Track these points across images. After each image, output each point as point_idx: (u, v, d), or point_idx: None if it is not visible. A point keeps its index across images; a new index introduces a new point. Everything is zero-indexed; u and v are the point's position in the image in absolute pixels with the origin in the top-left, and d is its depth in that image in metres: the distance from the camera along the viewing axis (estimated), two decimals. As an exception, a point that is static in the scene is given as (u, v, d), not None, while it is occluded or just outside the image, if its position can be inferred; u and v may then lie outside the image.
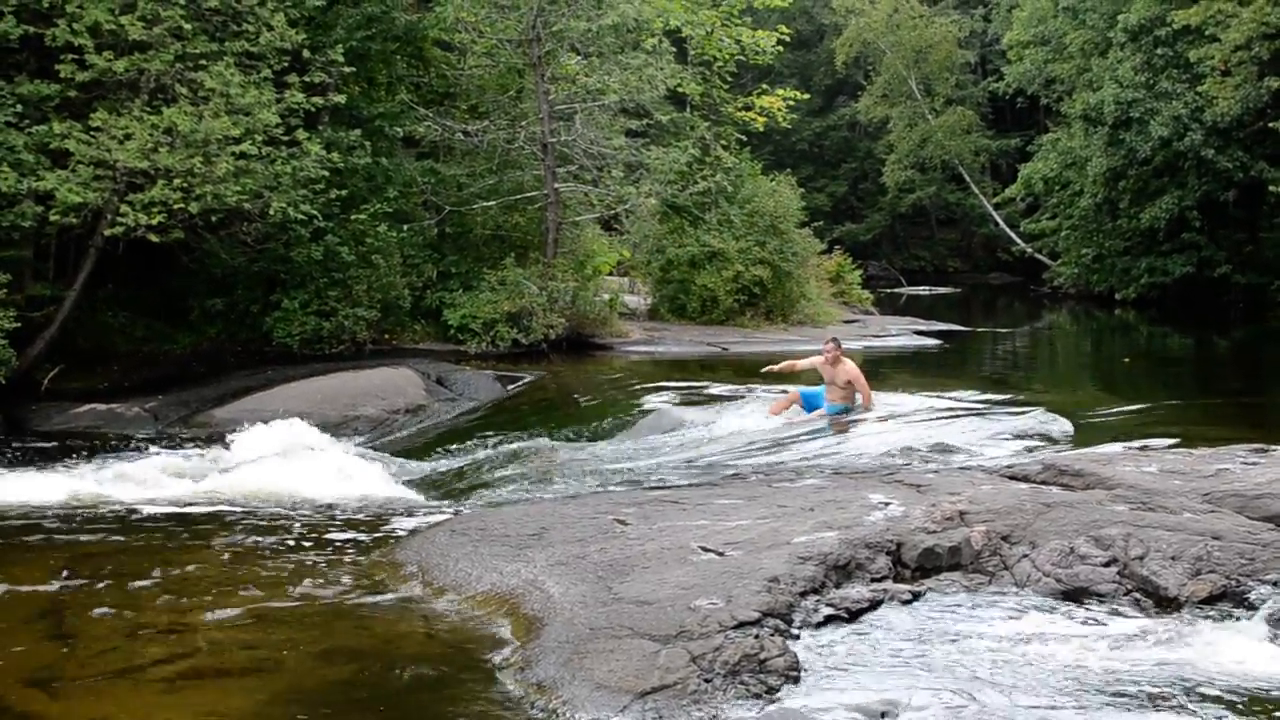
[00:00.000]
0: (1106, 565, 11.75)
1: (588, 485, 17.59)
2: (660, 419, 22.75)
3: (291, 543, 14.31)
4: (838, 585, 11.28)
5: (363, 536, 14.56)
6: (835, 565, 11.53)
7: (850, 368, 21.33)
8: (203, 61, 26.82)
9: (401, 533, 14.65)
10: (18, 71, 26.32)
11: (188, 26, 26.68)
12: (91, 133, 25.45)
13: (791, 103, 49.65)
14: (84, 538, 14.57)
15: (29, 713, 8.93)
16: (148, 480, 18.17)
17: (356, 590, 12.13)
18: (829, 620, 10.56)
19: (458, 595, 11.66)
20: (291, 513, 16.06)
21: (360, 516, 15.88)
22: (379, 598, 11.86)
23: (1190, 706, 9.08)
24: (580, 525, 13.17)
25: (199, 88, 26.42)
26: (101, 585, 12.35)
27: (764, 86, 51.33)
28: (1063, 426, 20.73)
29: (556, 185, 34.76)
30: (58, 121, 25.57)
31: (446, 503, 17.07)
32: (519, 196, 35.97)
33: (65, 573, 12.80)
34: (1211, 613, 11.00)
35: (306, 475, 18.01)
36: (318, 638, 10.64)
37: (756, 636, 9.63)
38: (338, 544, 14.24)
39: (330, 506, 16.59)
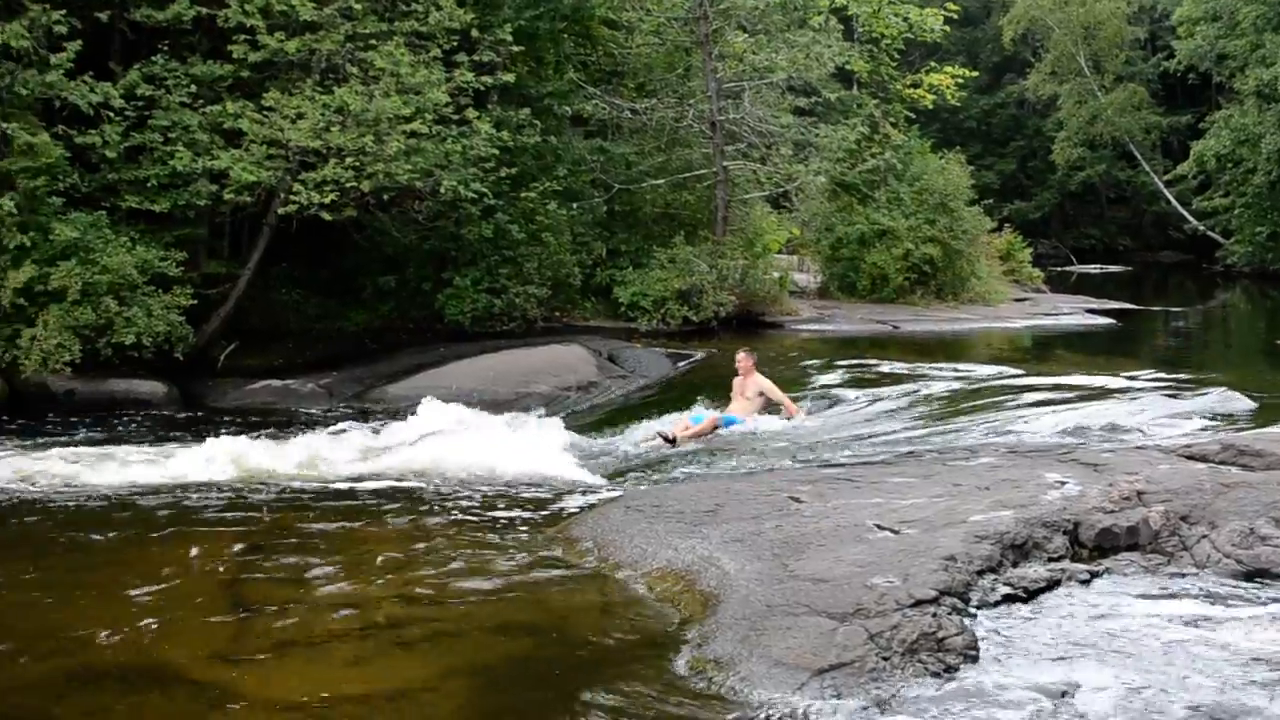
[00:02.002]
0: (1289, 547, 11.04)
1: (761, 462, 17.12)
2: (831, 396, 22.24)
3: (467, 518, 14.24)
4: (1014, 564, 10.78)
5: (537, 512, 14.46)
6: (1012, 544, 11.03)
7: (761, 380, 20.18)
8: (372, 41, 26.68)
9: (575, 509, 14.52)
10: (191, 52, 26.38)
11: (357, 6, 26.60)
12: (264, 112, 25.50)
13: (960, 80, 48.66)
14: (262, 513, 14.58)
15: (211, 685, 8.88)
16: (324, 456, 18.10)
17: (532, 565, 11.98)
18: (1006, 599, 10.11)
19: (633, 571, 11.46)
20: (466, 489, 15.92)
21: (534, 493, 15.74)
22: (555, 573, 11.72)
23: (1373, 693, 8.43)
24: (755, 502, 12.77)
25: (369, 67, 26.28)
26: (280, 560, 12.36)
27: (932, 64, 50.48)
28: (1242, 405, 19.73)
29: (725, 163, 34.21)
30: (231, 101, 25.69)
31: (619, 479, 16.82)
32: (688, 174, 35.48)
33: (245, 546, 12.82)
34: (1397, 597, 10.30)
35: (480, 451, 17.75)
36: (494, 612, 10.55)
37: (934, 615, 9.28)
38: (513, 520, 14.14)
39: (504, 482, 16.44)
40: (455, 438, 18.64)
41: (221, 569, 12.06)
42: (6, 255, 22.70)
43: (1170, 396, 20.59)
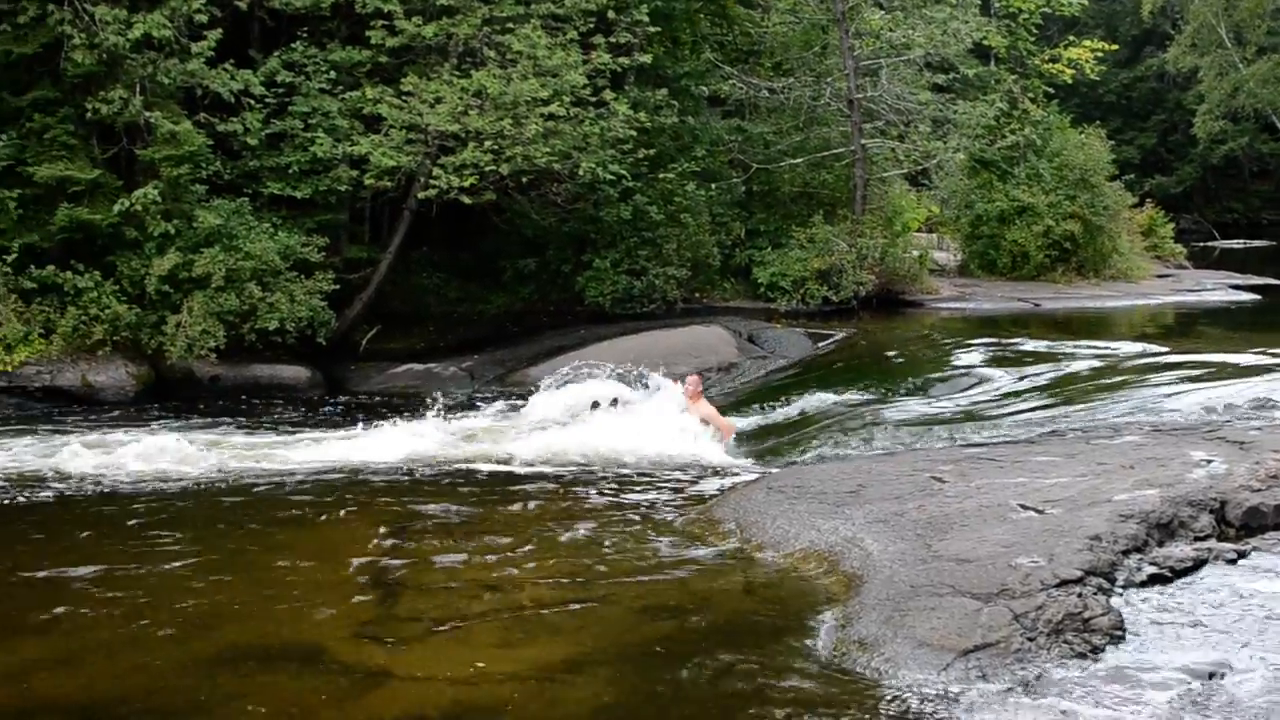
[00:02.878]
0: None
1: (903, 442, 17.06)
2: (973, 375, 21.80)
3: (609, 499, 14.33)
4: (1160, 544, 10.73)
5: (680, 493, 14.50)
6: (1157, 523, 10.92)
7: (705, 407, 19.11)
8: (509, 24, 26.46)
9: (716, 490, 14.51)
10: (330, 39, 26.45)
11: (494, -11, 26.19)
12: (403, 97, 25.50)
13: (1098, 54, 47.52)
14: (408, 495, 14.75)
15: (358, 665, 9.01)
16: (466, 438, 18.24)
17: (675, 546, 12.04)
18: (1152, 579, 10.05)
19: (776, 552, 11.46)
20: (608, 470, 16.06)
21: (676, 473, 15.79)
22: (697, 553, 11.76)
23: None
24: (897, 482, 12.76)
25: (506, 51, 26.13)
26: (426, 542, 12.52)
27: (1070, 38, 49.30)
28: (1397, 382, 18.97)
29: (863, 141, 33.52)
30: (369, 87, 25.77)
31: (761, 460, 16.84)
32: (825, 153, 34.85)
33: (390, 529, 12.99)
34: None
35: (622, 433, 17.82)
36: (638, 593, 10.63)
37: (1079, 595, 9.27)
38: (655, 501, 14.16)
39: (646, 463, 16.52)
40: (594, 419, 18.77)
41: (368, 550, 12.22)
42: (151, 243, 22.88)
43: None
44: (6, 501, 14.57)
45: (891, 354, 25.44)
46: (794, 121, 35.10)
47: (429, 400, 21.29)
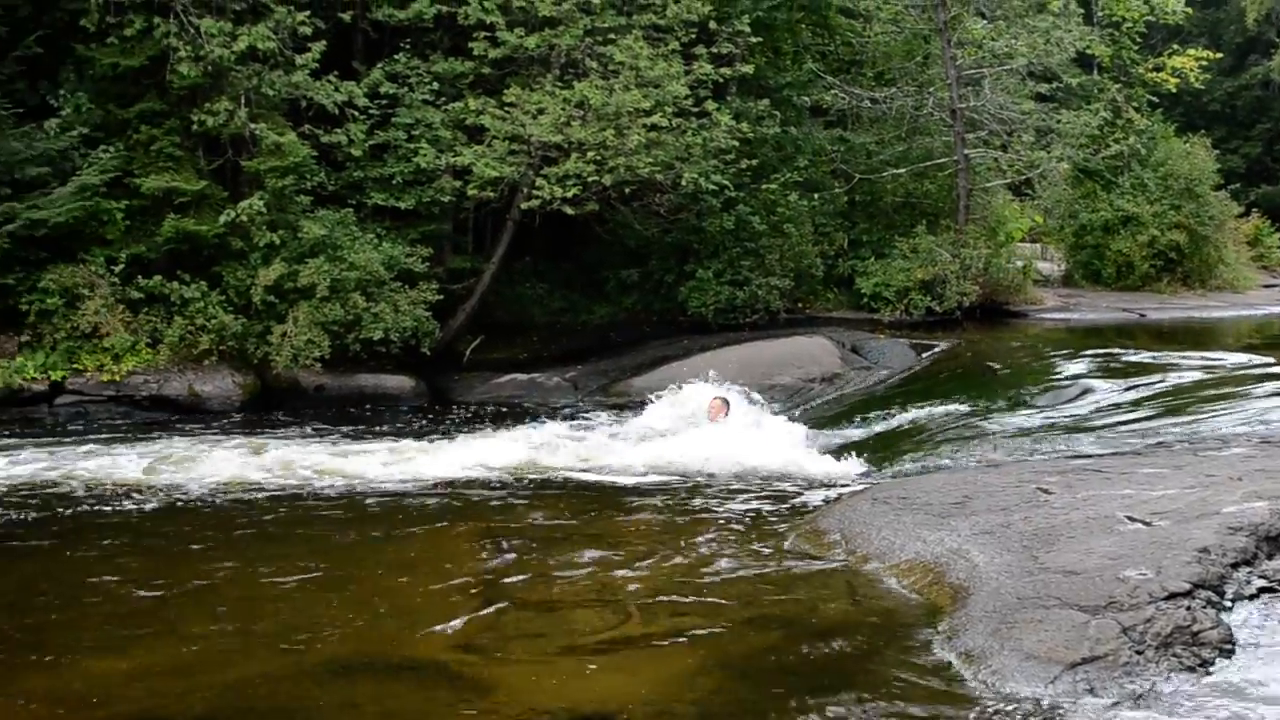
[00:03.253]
0: None
1: (1008, 454, 16.64)
2: (1078, 386, 21.07)
3: (714, 509, 14.07)
4: (1270, 557, 10.25)
5: (783, 504, 14.20)
6: (1266, 536, 10.46)
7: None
8: (611, 35, 26.22)
9: (820, 501, 14.23)
10: (432, 50, 26.37)
11: (596, 1, 26.11)
12: (505, 108, 25.40)
13: (1203, 62, 46.56)
14: (515, 505, 14.62)
15: (467, 676, 8.87)
16: (570, 449, 17.99)
17: (780, 557, 11.81)
18: (1262, 592, 9.70)
19: (881, 563, 11.24)
20: (712, 481, 15.78)
21: (780, 484, 15.48)
22: (803, 565, 11.52)
23: None
24: (1003, 494, 12.44)
25: (608, 61, 25.92)
26: (533, 552, 12.34)
27: (1174, 46, 48.39)
28: None
29: (966, 151, 32.87)
30: (472, 98, 25.72)
31: (864, 471, 16.49)
32: (928, 163, 34.26)
33: (496, 540, 12.83)
34: None
35: (726, 444, 17.49)
36: (744, 604, 10.39)
37: (1188, 608, 9.01)
38: (759, 511, 13.90)
39: (750, 474, 16.21)
40: (700, 431, 18.40)
41: (475, 561, 12.12)
42: (257, 253, 22.91)
43: None
44: (120, 510, 14.50)
45: (996, 365, 24.68)
46: (896, 131, 34.59)
47: (532, 410, 22.06)
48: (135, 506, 14.66)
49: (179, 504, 14.85)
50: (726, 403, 19.40)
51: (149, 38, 22.46)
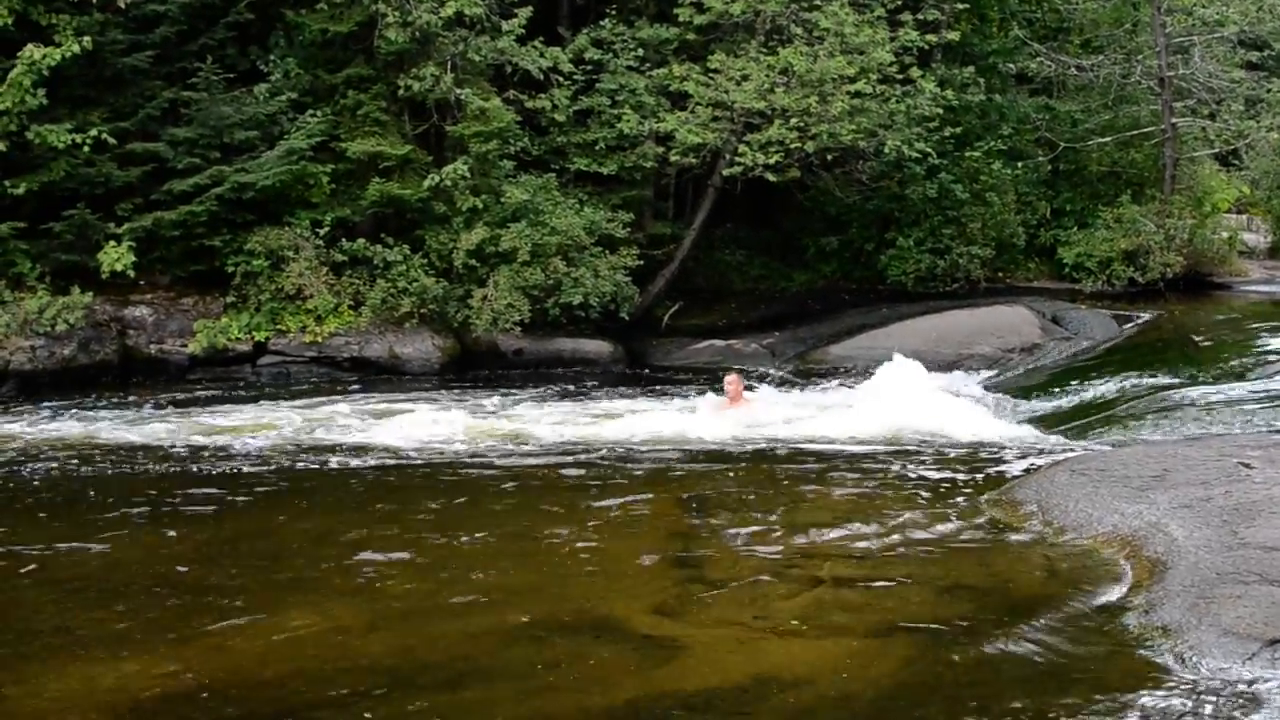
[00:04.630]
0: None
1: (1208, 427, 15.72)
2: (1281, 360, 20.07)
3: (909, 479, 13.55)
4: None
5: (979, 474, 13.64)
6: None
7: (750, 411, 17.52)
8: (816, 2, 25.04)
9: (1017, 471, 13.59)
10: (638, 16, 25.64)
11: (802, -34, 24.86)
12: (709, 75, 24.53)
13: None
14: (706, 470, 14.24)
15: (656, 638, 8.63)
16: (764, 415, 17.22)
17: (974, 527, 11.39)
18: None
19: (1077, 535, 10.79)
20: (907, 449, 15.14)
21: (976, 454, 14.84)
22: (998, 536, 11.14)
23: None
24: (1203, 468, 11.74)
25: (813, 28, 24.80)
26: (724, 517, 11.99)
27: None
28: None
29: (1174, 120, 30.78)
30: (677, 64, 24.93)
31: (1062, 442, 15.58)
32: (1134, 132, 32.28)
33: (687, 504, 12.71)
34: None
35: (922, 413, 16.70)
36: (938, 573, 10.11)
37: None
38: (954, 481, 13.35)
39: (946, 443, 15.50)
40: (897, 399, 17.47)
41: (666, 525, 11.95)
42: (459, 218, 22.40)
43: None
44: (322, 467, 14.49)
45: (1198, 337, 23.48)
46: (1102, 100, 32.60)
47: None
48: (338, 464, 14.61)
49: (378, 463, 14.69)
50: (748, 384, 18.48)
51: (357, 4, 22.19)
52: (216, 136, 21.26)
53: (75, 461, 14.72)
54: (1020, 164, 30.88)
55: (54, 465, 14.55)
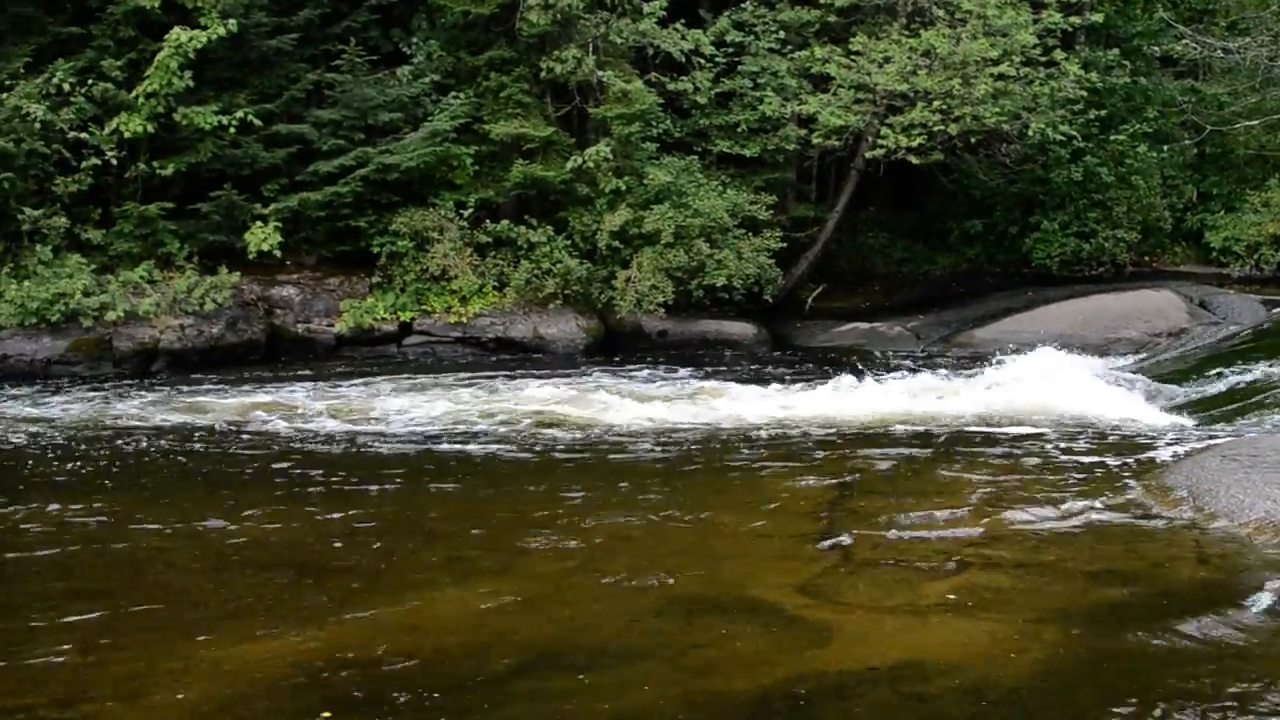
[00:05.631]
0: None
1: None
2: None
3: (1055, 464, 12.94)
4: None
5: (1127, 459, 12.93)
6: None
7: None
8: None
9: (1166, 456, 12.89)
10: None
11: (945, -53, 24.13)
12: (851, 56, 23.74)
13: None
14: (853, 452, 13.70)
15: (805, 619, 8.29)
16: (910, 398, 16.78)
17: (1123, 513, 10.87)
18: None
19: (1230, 522, 10.26)
20: (1054, 434, 14.47)
21: (1123, 439, 14.20)
22: (1147, 521, 10.59)
23: None
24: None
25: (955, 9, 23.90)
26: (872, 500, 11.61)
27: None
28: None
29: (1324, 103, 29.15)
30: (818, 46, 24.23)
31: (1211, 428, 14.90)
32: (1283, 115, 30.57)
33: (835, 486, 12.11)
34: None
35: (1068, 397, 16.12)
36: (1086, 559, 9.65)
37: None
38: (1102, 466, 12.71)
39: (1093, 428, 14.83)
40: (1043, 383, 17.01)
41: (814, 506, 11.43)
42: (602, 199, 21.88)
43: None
44: (467, 443, 14.23)
45: None
46: (1249, 83, 30.99)
47: (873, 359, 20.87)
48: (486, 443, 14.30)
49: (528, 442, 14.38)
50: None
51: (500, -14, 21.69)
52: (360, 118, 21.00)
53: (226, 438, 14.55)
54: (1166, 147, 29.63)
55: (206, 442, 14.34)
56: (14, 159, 18.98)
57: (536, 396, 16.78)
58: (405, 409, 16.15)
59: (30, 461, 13.33)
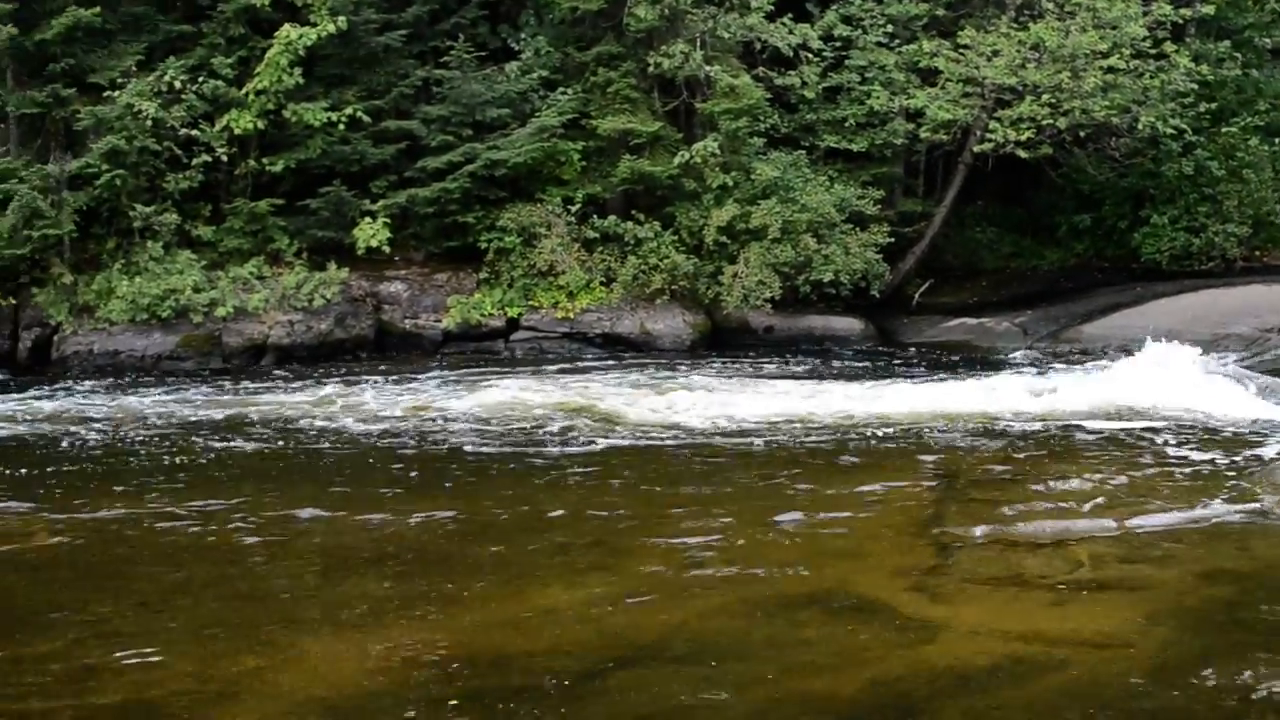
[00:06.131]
0: None
1: None
2: None
3: (1165, 460, 12.67)
4: None
5: (1238, 456, 12.68)
6: None
7: None
8: None
9: (1277, 454, 12.66)
10: None
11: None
12: (959, 50, 23.12)
13: None
14: (962, 448, 13.41)
15: (911, 616, 8.16)
16: (1019, 394, 16.35)
17: (1234, 510, 10.59)
18: None
19: None
20: (1164, 430, 14.16)
21: (1234, 435, 13.85)
22: (1259, 519, 10.35)
23: None
24: None
25: (1065, 2, 23.20)
26: (979, 495, 11.46)
27: None
28: None
29: None
30: (926, 40, 23.67)
31: None
32: (1397, 108, 29.47)
33: (942, 482, 11.94)
34: None
35: (1179, 393, 15.73)
36: (1196, 556, 9.49)
37: None
38: (1213, 462, 12.45)
39: (1204, 425, 14.50)
40: (1153, 378, 16.55)
41: (920, 502, 11.31)
42: (709, 194, 21.64)
43: None
44: (576, 443, 13.87)
45: None
46: (1363, 75, 29.82)
47: (980, 354, 20.81)
48: (593, 439, 14.02)
49: (628, 439, 14.11)
50: None
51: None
52: (468, 114, 20.93)
53: (335, 432, 14.50)
54: (1278, 140, 28.21)
55: (316, 435, 14.31)
56: (126, 156, 19.10)
57: (644, 392, 16.54)
58: (512, 403, 15.96)
59: (145, 455, 13.27)
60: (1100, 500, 10.98)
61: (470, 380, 17.80)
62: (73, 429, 14.63)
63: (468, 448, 13.60)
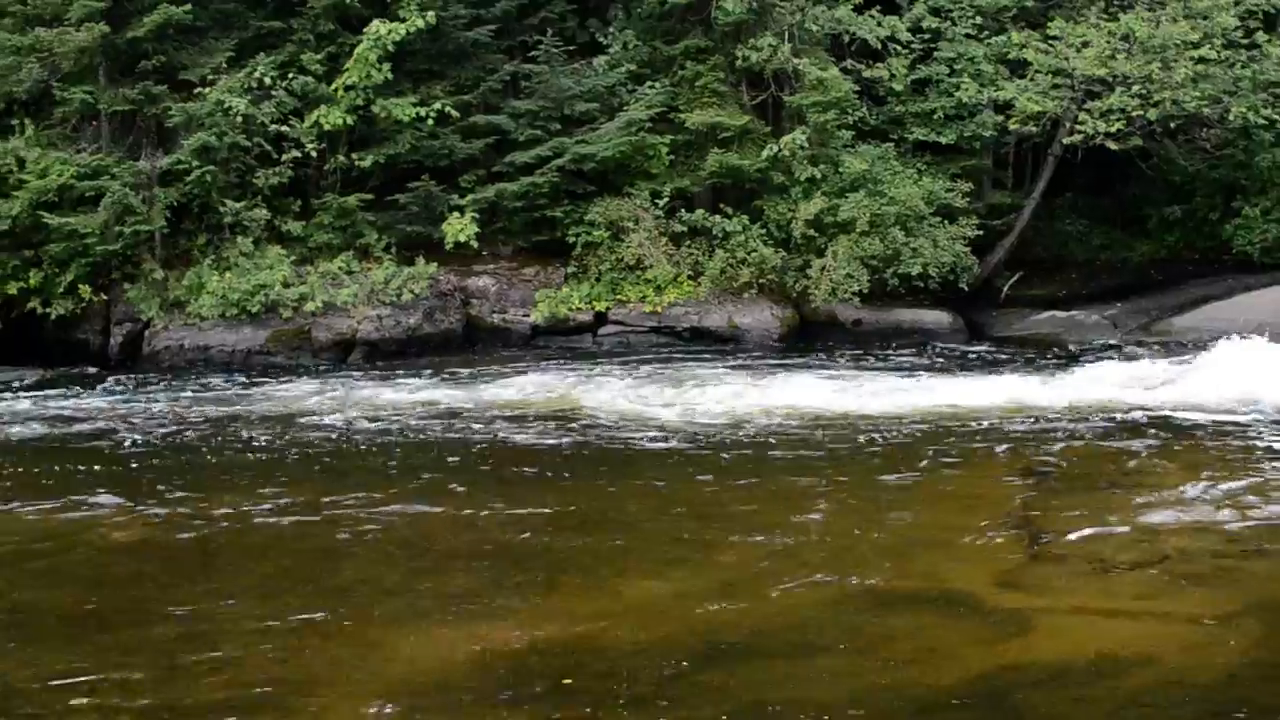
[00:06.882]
0: None
1: None
2: None
3: (1257, 455, 12.31)
4: None
5: None
6: None
7: None
8: None
9: None
10: None
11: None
12: (1049, 42, 22.53)
13: None
14: (1052, 443, 13.09)
15: (1001, 610, 8.00)
16: (1111, 386, 15.98)
17: None
18: None
19: None
20: (1256, 424, 13.81)
21: None
22: None
23: None
24: None
25: None
26: (1066, 489, 11.35)
27: None
28: None
29: None
30: (1015, 31, 23.03)
31: None
32: None
33: (1032, 475, 11.79)
34: None
35: (1271, 386, 15.13)
36: None
37: None
38: None
39: None
40: (1245, 372, 15.98)
41: (1010, 496, 11.25)
42: (798, 188, 21.17)
43: None
44: (660, 439, 13.61)
45: None
46: None
47: (1070, 347, 20.28)
48: (680, 434, 13.74)
49: (717, 433, 13.81)
50: None
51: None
52: (556, 108, 20.57)
53: (424, 426, 14.31)
54: (1372, 131, 27.16)
55: (404, 429, 14.13)
56: (216, 152, 18.92)
57: (732, 387, 16.14)
58: (600, 401, 15.60)
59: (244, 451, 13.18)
60: (1190, 494, 10.69)
61: (567, 371, 17.61)
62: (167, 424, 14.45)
63: (550, 440, 13.43)
